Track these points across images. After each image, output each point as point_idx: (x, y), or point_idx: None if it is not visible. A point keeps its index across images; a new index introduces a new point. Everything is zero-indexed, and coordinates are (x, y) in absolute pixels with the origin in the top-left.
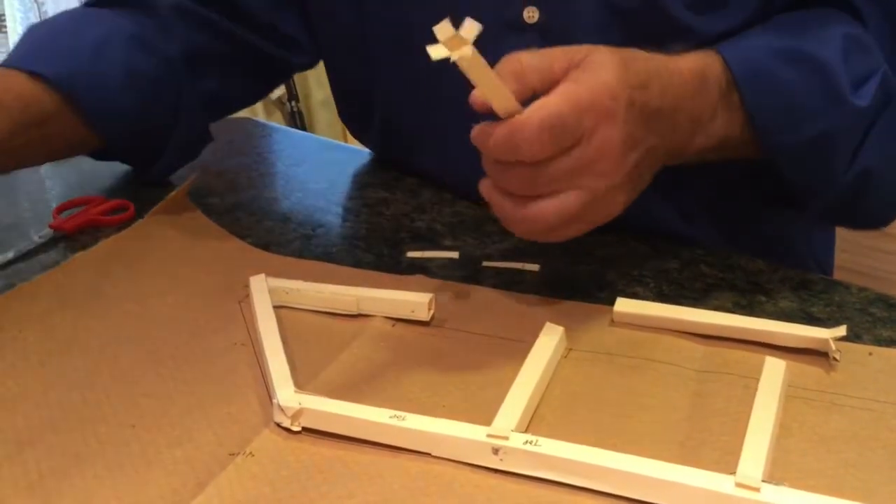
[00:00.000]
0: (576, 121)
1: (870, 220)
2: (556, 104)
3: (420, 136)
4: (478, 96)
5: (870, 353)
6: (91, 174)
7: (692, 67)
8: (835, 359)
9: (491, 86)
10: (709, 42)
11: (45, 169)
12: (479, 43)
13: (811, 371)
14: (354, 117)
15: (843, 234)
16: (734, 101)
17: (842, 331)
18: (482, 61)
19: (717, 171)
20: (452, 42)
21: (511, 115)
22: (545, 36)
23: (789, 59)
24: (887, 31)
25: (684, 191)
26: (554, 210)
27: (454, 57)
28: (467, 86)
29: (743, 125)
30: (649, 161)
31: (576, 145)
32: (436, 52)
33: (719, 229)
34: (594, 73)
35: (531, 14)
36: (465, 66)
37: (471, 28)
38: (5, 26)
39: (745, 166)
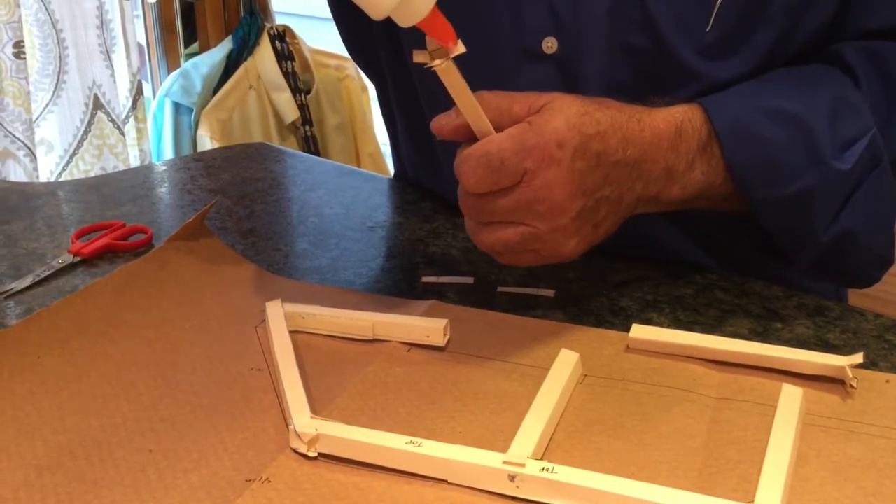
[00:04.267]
0: (516, 161)
1: (853, 280)
2: (499, 142)
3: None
4: (441, 122)
5: (887, 381)
6: (110, 199)
7: (668, 119)
8: (852, 386)
9: (465, 102)
10: (716, 87)
11: (64, 194)
12: (500, 70)
13: (828, 398)
14: (406, 156)
15: None
16: (715, 152)
17: (858, 358)
18: (459, 77)
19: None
20: (437, 52)
21: (483, 135)
22: (562, 67)
23: (773, 116)
24: (882, 92)
25: (699, 219)
26: (495, 239)
27: (432, 65)
28: None
29: (724, 178)
30: (606, 210)
31: (517, 185)
32: (419, 56)
33: (734, 255)
34: (547, 118)
35: (550, 44)
36: (442, 77)
37: (456, 46)
38: (24, 52)
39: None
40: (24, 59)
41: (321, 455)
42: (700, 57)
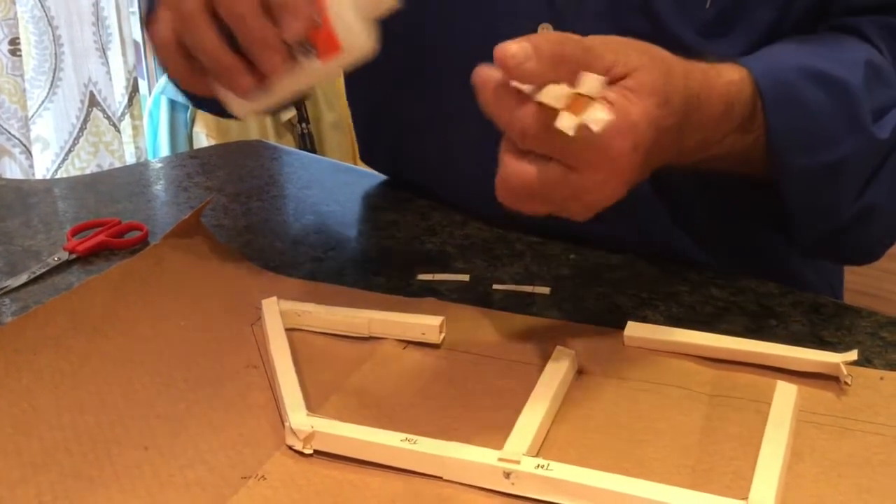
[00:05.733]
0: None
1: (857, 257)
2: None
3: (432, 156)
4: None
5: (881, 378)
6: (105, 196)
7: (723, 94)
8: (846, 383)
9: None
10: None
11: (60, 191)
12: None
13: (822, 395)
14: (369, 137)
15: None
16: (756, 124)
17: (853, 355)
18: None
19: (726, 196)
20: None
21: None
22: None
23: (816, 79)
24: None
25: (696, 214)
26: (535, 172)
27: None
28: (475, 103)
29: (752, 144)
30: (642, 169)
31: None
32: (564, 121)
33: (729, 252)
34: (643, 98)
35: (545, 31)
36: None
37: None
38: (20, 49)
39: (751, 189)
40: (20, 56)
41: (317, 452)
42: (699, 36)
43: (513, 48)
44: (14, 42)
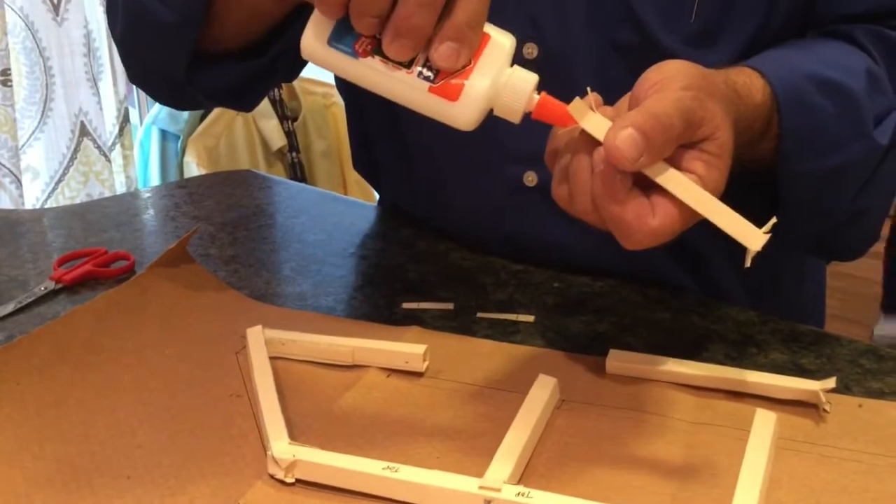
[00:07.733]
0: None
1: (844, 254)
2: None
3: (423, 183)
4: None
5: (859, 405)
6: (93, 226)
7: (748, 119)
8: (825, 410)
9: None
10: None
11: (49, 220)
12: None
13: (801, 423)
14: (363, 160)
15: (832, 284)
16: (768, 136)
17: (831, 383)
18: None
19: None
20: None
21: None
22: (543, 70)
23: (824, 86)
24: (891, 73)
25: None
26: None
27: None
28: (467, 135)
29: (759, 154)
30: None
31: None
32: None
33: (712, 279)
34: (724, 161)
35: (530, 50)
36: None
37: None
38: (11, 80)
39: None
40: (11, 86)
41: (298, 481)
42: (687, 46)
43: (623, 143)
44: (5, 73)
